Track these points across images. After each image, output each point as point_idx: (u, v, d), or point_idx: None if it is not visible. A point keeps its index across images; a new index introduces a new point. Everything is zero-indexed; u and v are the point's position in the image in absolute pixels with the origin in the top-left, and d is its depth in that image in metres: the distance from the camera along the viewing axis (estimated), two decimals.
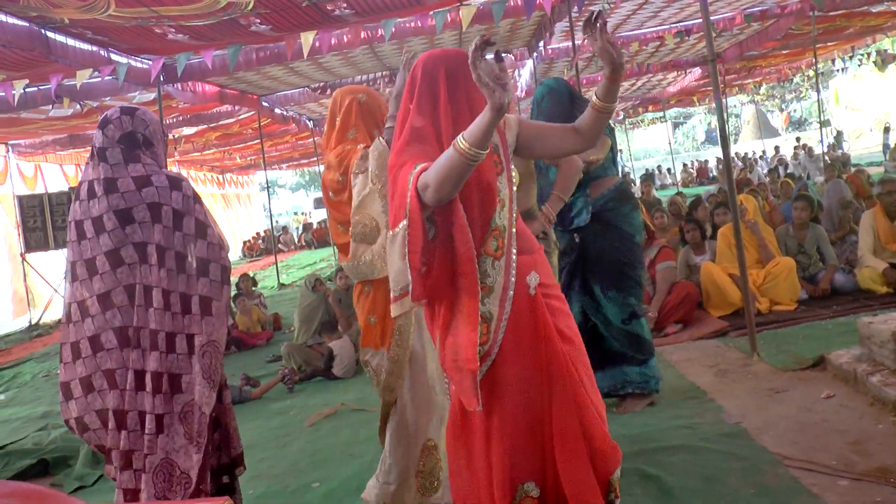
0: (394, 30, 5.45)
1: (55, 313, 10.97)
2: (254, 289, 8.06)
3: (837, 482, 2.52)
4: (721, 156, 22.10)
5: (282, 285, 11.17)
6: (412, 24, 5.68)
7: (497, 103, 1.57)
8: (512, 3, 5.25)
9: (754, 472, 2.66)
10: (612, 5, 6.49)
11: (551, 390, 1.86)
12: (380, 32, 5.30)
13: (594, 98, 1.90)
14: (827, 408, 3.16)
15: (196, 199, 2.19)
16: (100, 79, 5.95)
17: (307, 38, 5.23)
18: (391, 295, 1.82)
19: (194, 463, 2.03)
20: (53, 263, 11.09)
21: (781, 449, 2.81)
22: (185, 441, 2.05)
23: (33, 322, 10.49)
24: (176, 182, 2.15)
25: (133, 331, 2.05)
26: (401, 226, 1.73)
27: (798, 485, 2.52)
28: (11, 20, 4.90)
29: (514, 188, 1.95)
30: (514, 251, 1.88)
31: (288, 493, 3.23)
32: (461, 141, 1.65)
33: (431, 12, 5.29)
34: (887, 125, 18.74)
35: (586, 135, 1.96)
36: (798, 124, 33.66)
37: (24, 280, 10.72)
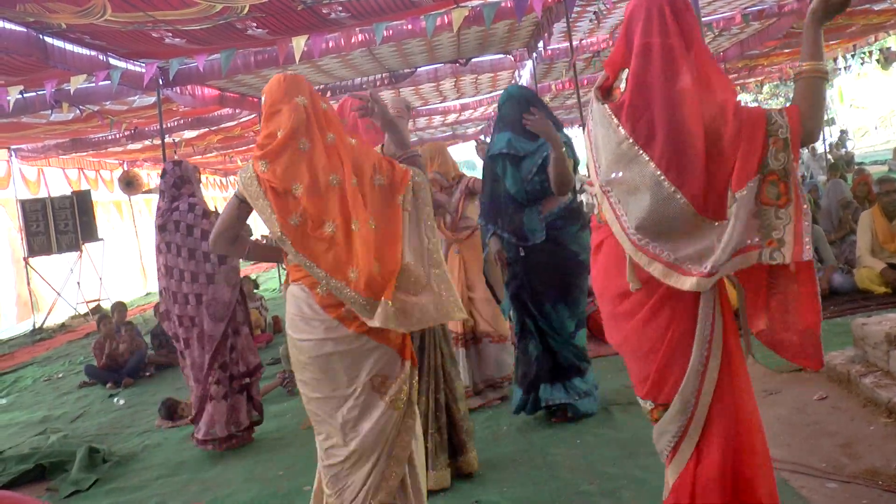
0: (389, 33, 5.47)
1: (58, 317, 11.05)
2: (255, 291, 8.09)
3: (826, 484, 2.54)
4: None
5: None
6: (406, 27, 5.71)
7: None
8: (503, 6, 5.28)
9: None
10: (607, 7, 6.51)
11: None
12: (373, 35, 5.34)
13: None
14: (820, 409, 3.17)
15: (204, 215, 3.91)
16: (94, 84, 5.99)
17: (299, 43, 5.27)
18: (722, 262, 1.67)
19: (205, 362, 3.93)
20: (56, 267, 11.17)
21: (773, 451, 2.75)
22: (200, 349, 3.93)
23: (36, 326, 10.54)
24: (192, 207, 3.93)
25: (169, 291, 3.98)
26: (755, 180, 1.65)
27: (787, 487, 2.54)
28: (9, 26, 4.93)
29: None
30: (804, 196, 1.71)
31: (280, 496, 3.27)
32: (813, 65, 1.69)
33: (423, 16, 5.32)
34: None
35: None
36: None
37: (28, 284, 10.78)
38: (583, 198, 4.15)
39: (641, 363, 1.90)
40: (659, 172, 1.70)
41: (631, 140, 1.73)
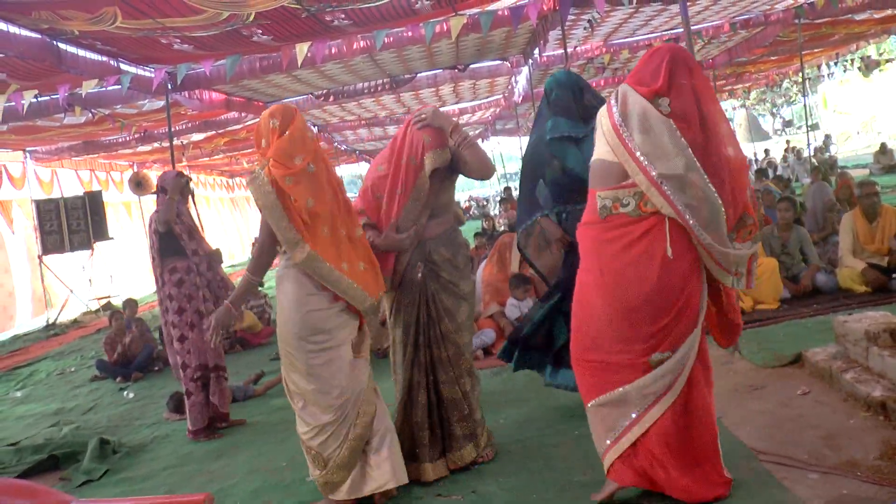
0: (390, 39, 5.59)
1: (71, 313, 11.24)
2: (259, 289, 8.22)
3: (807, 475, 2.60)
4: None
5: None
6: (406, 34, 5.84)
7: None
8: (500, 14, 5.40)
9: (729, 465, 2.70)
10: (600, 15, 6.63)
11: None
12: (374, 42, 5.47)
13: None
14: (803, 404, 3.24)
15: (150, 225, 4.42)
16: (105, 88, 6.14)
17: (302, 49, 5.40)
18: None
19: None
20: (69, 265, 11.37)
21: (757, 443, 2.90)
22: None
23: (50, 322, 10.75)
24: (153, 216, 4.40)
25: None
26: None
27: (770, 478, 2.61)
28: (25, 32, 5.08)
29: None
30: None
31: (283, 486, 3.34)
32: None
33: (422, 23, 5.44)
34: None
35: None
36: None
37: (42, 281, 11.00)
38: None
39: (664, 319, 2.40)
40: (706, 178, 2.29)
41: (690, 149, 2.29)
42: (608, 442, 2.51)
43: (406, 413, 3.12)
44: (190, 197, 4.58)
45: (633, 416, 2.46)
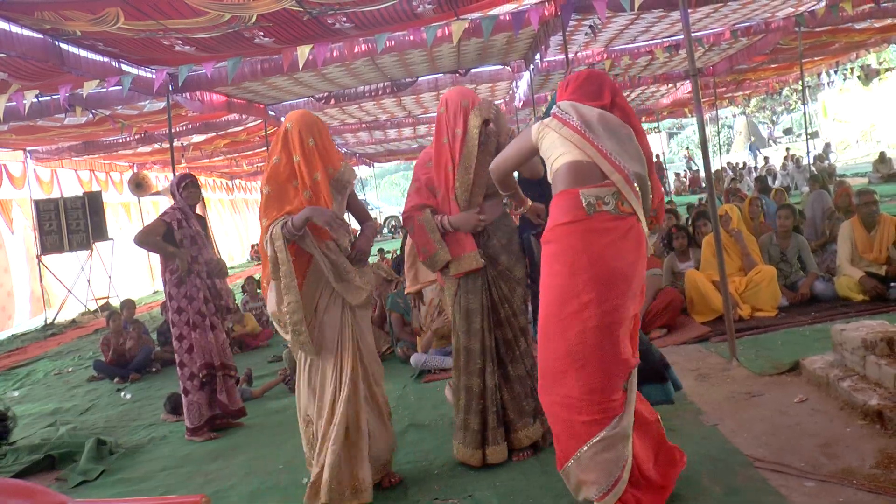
0: (391, 43, 5.61)
1: (69, 313, 11.24)
2: (258, 291, 8.24)
3: (804, 483, 2.60)
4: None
5: None
6: (408, 38, 5.87)
7: None
8: (502, 19, 5.42)
9: (726, 472, 2.75)
10: (602, 21, 6.66)
11: None
12: (375, 45, 5.50)
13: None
14: (800, 411, 3.24)
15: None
16: (106, 89, 6.16)
17: (303, 51, 5.42)
18: None
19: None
20: (68, 265, 11.37)
21: (754, 451, 2.90)
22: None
23: (48, 322, 10.76)
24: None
25: None
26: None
27: (766, 485, 2.61)
28: (27, 32, 5.11)
29: None
30: None
31: (280, 488, 3.35)
32: None
33: (424, 27, 5.47)
34: None
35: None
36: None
37: (40, 281, 11.01)
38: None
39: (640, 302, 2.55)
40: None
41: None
42: (610, 482, 2.35)
43: (481, 397, 3.16)
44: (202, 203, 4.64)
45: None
